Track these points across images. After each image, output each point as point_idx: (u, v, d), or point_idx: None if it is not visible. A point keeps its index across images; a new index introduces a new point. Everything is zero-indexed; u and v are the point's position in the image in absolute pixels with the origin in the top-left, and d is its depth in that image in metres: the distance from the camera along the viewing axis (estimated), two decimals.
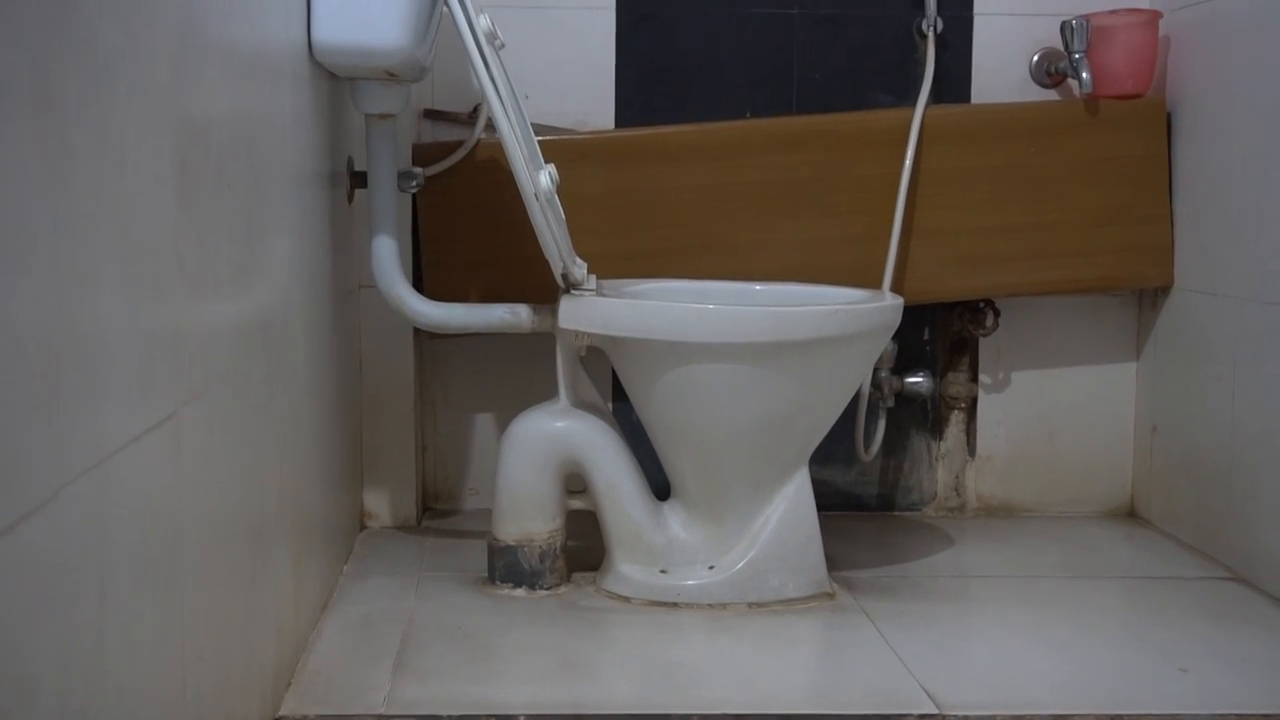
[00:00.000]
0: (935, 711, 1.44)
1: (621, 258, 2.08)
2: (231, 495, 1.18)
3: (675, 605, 1.78)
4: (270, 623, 1.35)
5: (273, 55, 1.42)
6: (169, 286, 0.97)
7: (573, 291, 1.77)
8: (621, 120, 2.20)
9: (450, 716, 1.41)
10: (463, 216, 2.09)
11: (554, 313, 1.78)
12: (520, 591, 1.82)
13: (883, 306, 1.77)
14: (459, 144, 2.07)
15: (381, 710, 1.41)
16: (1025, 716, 1.44)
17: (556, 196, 1.76)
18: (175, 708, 0.99)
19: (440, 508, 2.27)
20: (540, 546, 1.82)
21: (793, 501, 1.79)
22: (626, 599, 1.80)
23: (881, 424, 2.22)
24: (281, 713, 1.39)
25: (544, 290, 1.84)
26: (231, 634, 1.18)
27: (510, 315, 1.84)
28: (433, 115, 2.17)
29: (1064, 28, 2.14)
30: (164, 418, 0.95)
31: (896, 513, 2.32)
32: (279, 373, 1.41)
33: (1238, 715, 1.45)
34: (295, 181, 1.52)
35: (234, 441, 1.19)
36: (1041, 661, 1.61)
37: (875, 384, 2.19)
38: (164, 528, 0.95)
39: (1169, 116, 2.17)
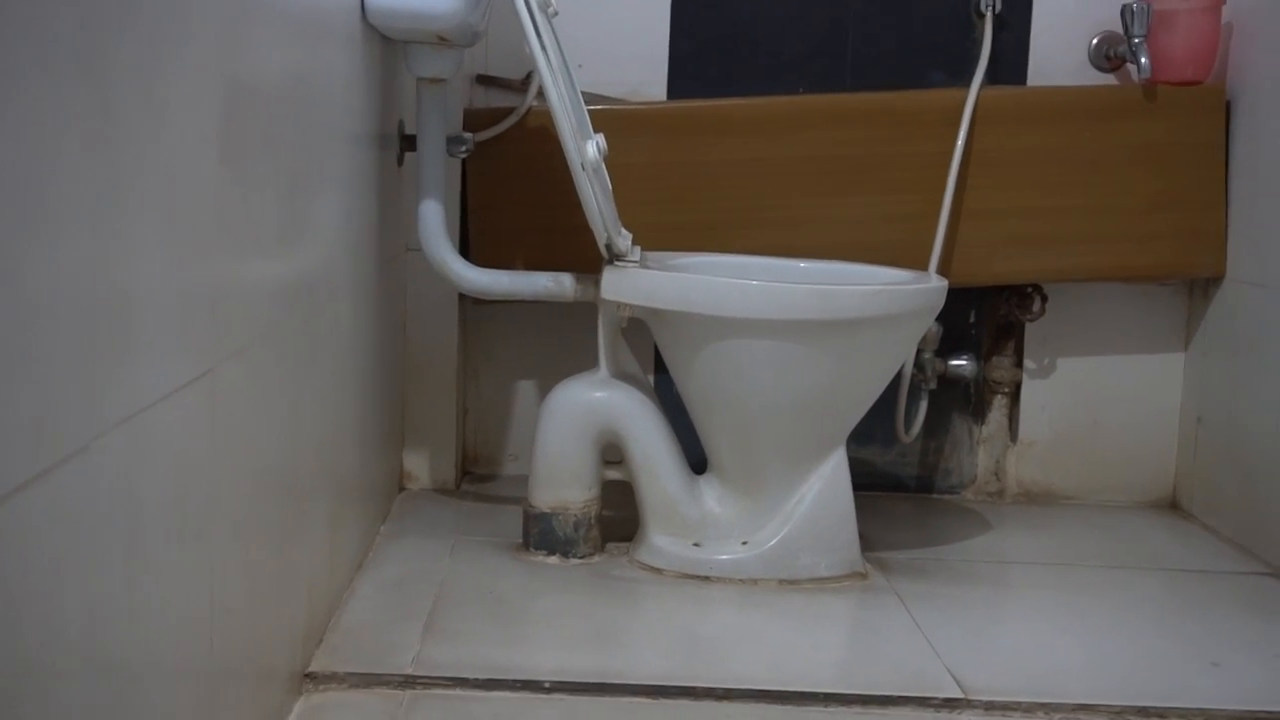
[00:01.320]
0: (960, 695, 1.44)
1: (669, 230, 2.08)
2: (268, 452, 1.19)
3: (707, 579, 1.78)
4: (303, 580, 1.37)
5: (325, 17, 1.43)
6: (209, 244, 0.98)
7: (616, 263, 1.77)
8: (674, 91, 2.20)
9: (476, 679, 1.42)
10: (511, 183, 2.10)
11: (597, 283, 1.79)
12: (553, 559, 1.83)
13: (927, 288, 1.76)
14: (510, 110, 2.08)
15: (409, 670, 1.43)
16: (1051, 704, 1.43)
17: (604, 167, 1.76)
18: (202, 659, 1.00)
19: (479, 472, 2.29)
20: (575, 515, 1.83)
21: (829, 480, 1.79)
22: (659, 571, 1.80)
23: (923, 405, 2.21)
24: (311, 669, 1.41)
25: (590, 260, 1.84)
26: (263, 589, 1.19)
27: (553, 284, 1.84)
28: (485, 81, 2.17)
29: (1124, 11, 2.11)
30: (200, 373, 0.96)
31: (935, 495, 2.32)
32: (321, 332, 1.42)
33: (1268, 712, 1.44)
34: (344, 143, 1.53)
35: (272, 399, 1.20)
36: (1072, 650, 1.61)
37: (918, 365, 2.18)
38: (197, 481, 0.97)
39: (1228, 104, 2.14)
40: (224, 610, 1.05)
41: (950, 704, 1.43)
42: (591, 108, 2.03)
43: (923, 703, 1.43)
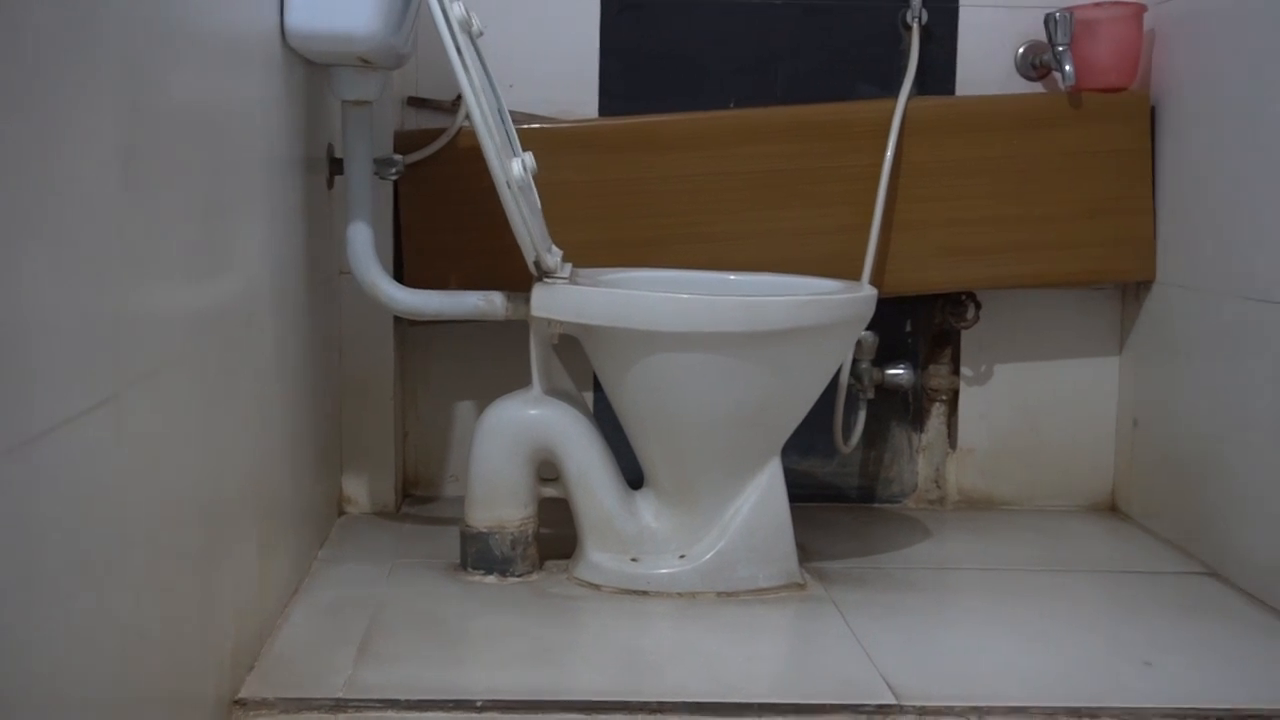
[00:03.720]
0: (893, 702, 1.44)
1: (606, 246, 2.08)
2: (184, 478, 1.18)
3: (645, 594, 1.78)
4: (228, 605, 1.36)
5: (241, 41, 1.42)
6: (111, 271, 0.97)
7: (545, 279, 1.77)
8: (605, 109, 2.20)
9: (409, 700, 1.41)
10: (444, 204, 2.10)
11: (528, 301, 1.79)
12: (491, 578, 1.82)
13: (856, 297, 1.77)
14: (441, 132, 2.08)
15: (341, 694, 1.42)
16: (984, 708, 1.44)
17: (533, 184, 1.76)
18: (115, 686, 0.99)
19: (420, 494, 2.28)
20: (512, 534, 1.82)
21: (764, 492, 1.79)
22: (597, 587, 1.80)
23: (861, 415, 2.22)
24: (240, 695, 1.40)
25: (525, 278, 1.84)
26: (183, 615, 1.18)
27: (484, 302, 1.84)
28: (417, 103, 2.17)
29: (1048, 20, 2.13)
30: (102, 400, 0.95)
31: (876, 505, 2.32)
32: (243, 357, 1.41)
33: (1196, 709, 1.45)
34: (266, 167, 1.53)
35: (188, 425, 1.19)
36: (1009, 654, 1.61)
37: (855, 375, 2.19)
38: (104, 508, 0.96)
39: (1153, 110, 2.17)
40: (138, 637, 1.05)
41: (883, 710, 1.43)
42: (523, 127, 2.04)
43: (856, 710, 1.43)
